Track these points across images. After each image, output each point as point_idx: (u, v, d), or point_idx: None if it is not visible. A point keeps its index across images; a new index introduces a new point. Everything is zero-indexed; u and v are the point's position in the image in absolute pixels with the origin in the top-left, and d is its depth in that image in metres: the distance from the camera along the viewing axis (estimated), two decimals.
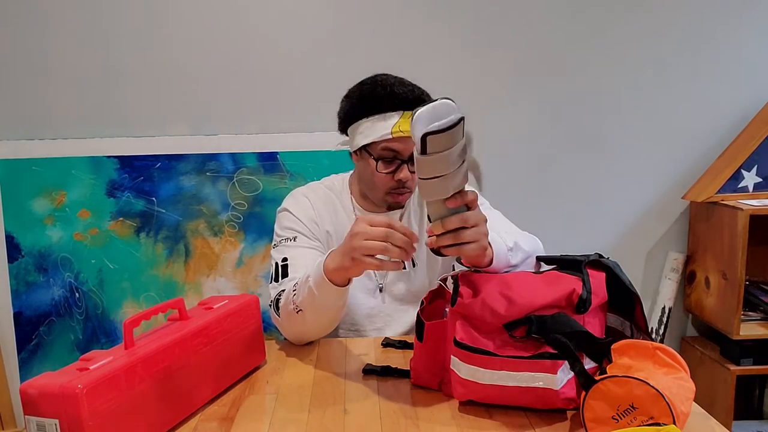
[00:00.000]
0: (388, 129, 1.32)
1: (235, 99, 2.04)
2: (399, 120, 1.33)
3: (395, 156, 1.35)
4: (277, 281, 1.34)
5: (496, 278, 1.07)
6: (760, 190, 2.01)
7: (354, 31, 2.03)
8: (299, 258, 1.36)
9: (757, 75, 2.12)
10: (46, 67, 2.00)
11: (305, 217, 1.42)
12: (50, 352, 2.02)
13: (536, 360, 0.93)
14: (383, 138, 1.32)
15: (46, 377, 0.85)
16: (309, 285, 1.20)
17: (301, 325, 1.27)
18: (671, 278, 2.17)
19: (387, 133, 1.32)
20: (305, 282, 1.21)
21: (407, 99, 1.33)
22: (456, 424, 0.97)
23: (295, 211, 1.43)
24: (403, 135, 1.31)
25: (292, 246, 1.39)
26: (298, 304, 1.23)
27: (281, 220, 1.45)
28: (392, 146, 1.33)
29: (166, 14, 2.00)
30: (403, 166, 1.35)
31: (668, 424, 0.79)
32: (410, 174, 1.36)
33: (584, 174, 2.15)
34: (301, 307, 1.23)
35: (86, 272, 2.02)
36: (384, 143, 1.33)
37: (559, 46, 2.08)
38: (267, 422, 0.99)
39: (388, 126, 1.32)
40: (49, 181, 1.99)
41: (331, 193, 1.49)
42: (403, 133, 1.31)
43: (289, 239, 1.40)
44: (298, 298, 1.23)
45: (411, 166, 1.35)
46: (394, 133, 1.32)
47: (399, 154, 1.34)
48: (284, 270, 1.34)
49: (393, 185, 1.37)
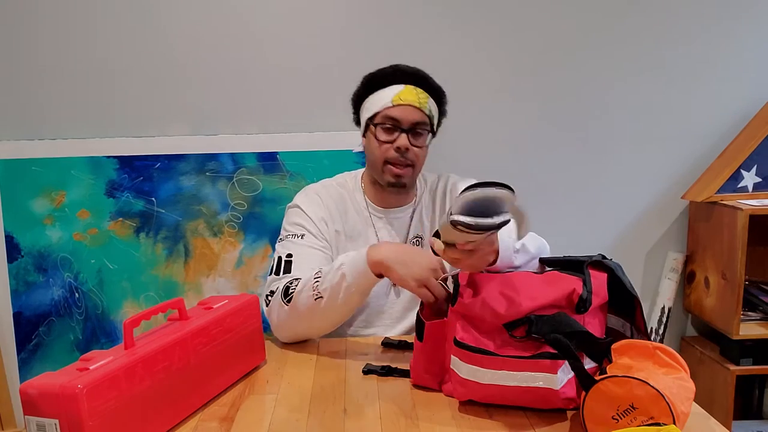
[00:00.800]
0: (389, 98, 1.38)
1: (235, 99, 2.04)
2: (400, 91, 1.38)
3: (395, 125, 1.38)
4: (278, 275, 1.34)
5: (496, 278, 1.07)
6: (759, 190, 2.01)
7: (354, 30, 2.03)
8: (304, 256, 1.36)
9: (757, 75, 2.12)
10: (45, 67, 2.00)
11: (315, 215, 1.43)
12: (50, 352, 2.02)
13: (536, 360, 0.93)
14: (384, 107, 1.38)
15: (46, 377, 0.85)
16: (342, 271, 1.21)
17: (309, 316, 1.25)
18: (671, 278, 2.18)
19: (388, 101, 1.38)
20: (337, 269, 1.22)
21: (410, 74, 1.40)
22: (456, 424, 0.97)
23: (306, 208, 1.44)
24: (402, 103, 1.37)
25: (299, 243, 1.39)
26: (320, 290, 1.23)
27: (291, 216, 1.46)
28: (392, 114, 1.38)
29: (166, 14, 2.00)
30: (402, 135, 1.38)
31: (668, 424, 0.79)
32: (410, 145, 1.38)
33: (584, 174, 2.15)
34: (322, 294, 1.22)
35: (86, 272, 2.02)
36: (384, 111, 1.39)
37: (558, 46, 2.08)
38: (267, 422, 0.99)
39: (390, 96, 1.38)
40: (49, 181, 1.99)
41: (344, 190, 1.51)
42: (403, 101, 1.37)
43: (297, 236, 1.40)
44: (323, 285, 1.23)
45: (411, 137, 1.39)
46: (394, 101, 1.37)
47: (399, 123, 1.38)
48: (287, 266, 1.35)
49: (392, 155, 1.39)
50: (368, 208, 1.49)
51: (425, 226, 1.52)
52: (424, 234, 1.51)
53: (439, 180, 1.57)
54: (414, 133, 1.40)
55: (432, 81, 1.44)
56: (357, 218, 1.48)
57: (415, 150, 1.40)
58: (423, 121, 1.40)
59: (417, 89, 1.40)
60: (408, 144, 1.38)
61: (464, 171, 1.62)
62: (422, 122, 1.40)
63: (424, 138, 1.42)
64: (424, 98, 1.40)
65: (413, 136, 1.40)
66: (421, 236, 1.51)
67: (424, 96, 1.41)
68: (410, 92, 1.39)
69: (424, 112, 1.40)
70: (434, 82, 1.45)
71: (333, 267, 1.25)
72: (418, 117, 1.39)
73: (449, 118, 1.56)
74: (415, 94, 1.39)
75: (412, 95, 1.39)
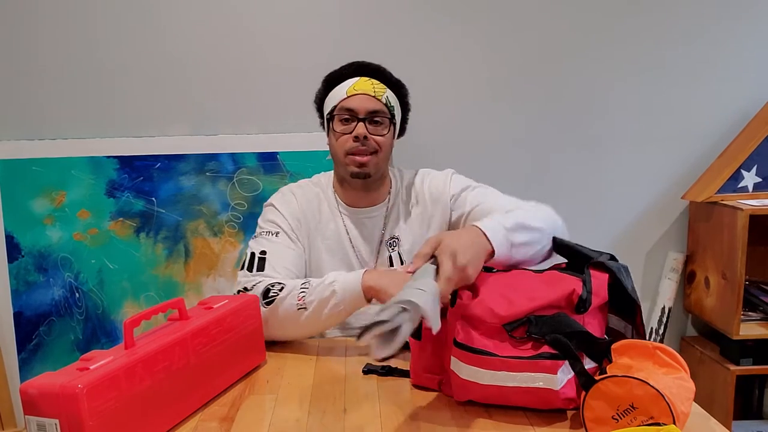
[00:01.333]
0: (344, 90, 1.39)
1: (235, 99, 2.04)
2: (356, 81, 1.39)
3: (351, 115, 1.38)
4: (251, 271, 1.34)
5: (496, 278, 1.07)
6: (759, 190, 2.01)
7: (354, 30, 2.04)
8: (277, 255, 1.36)
9: (757, 75, 2.12)
10: (45, 67, 2.00)
11: (290, 214, 1.43)
12: (50, 352, 2.02)
13: (536, 360, 0.93)
14: (340, 99, 1.39)
15: (46, 377, 0.85)
16: (333, 288, 1.21)
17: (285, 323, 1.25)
18: (671, 278, 2.17)
19: (343, 94, 1.39)
20: (328, 285, 1.22)
21: (365, 67, 1.41)
22: (456, 424, 0.97)
23: (281, 207, 1.44)
24: (357, 93, 1.37)
25: (273, 241, 1.39)
26: (306, 302, 1.23)
27: (266, 214, 1.46)
28: (348, 105, 1.38)
29: (166, 14, 2.00)
30: (359, 124, 1.37)
31: (668, 424, 0.79)
32: (368, 133, 1.37)
33: (584, 174, 2.15)
34: (306, 306, 1.23)
35: (86, 272, 2.02)
36: (341, 103, 1.39)
37: (558, 46, 2.08)
38: (267, 422, 0.99)
39: (345, 88, 1.39)
40: (49, 181, 1.99)
41: (318, 189, 1.50)
42: (357, 90, 1.37)
43: (272, 233, 1.40)
44: (309, 297, 1.23)
45: (370, 125, 1.38)
46: (348, 92, 1.38)
47: (355, 112, 1.38)
48: (260, 263, 1.34)
49: (352, 145, 1.38)
50: (338, 206, 1.48)
51: (401, 226, 1.47)
52: (400, 234, 1.46)
53: (416, 176, 1.52)
54: (372, 121, 1.39)
55: (389, 74, 1.44)
56: (330, 217, 1.46)
57: (376, 138, 1.39)
58: (379, 109, 1.39)
59: (372, 80, 1.40)
60: (365, 132, 1.37)
61: (464, 171, 1.61)
62: (379, 110, 1.39)
63: (384, 127, 1.40)
64: (380, 88, 1.40)
65: (372, 124, 1.39)
66: (398, 237, 1.47)
67: (380, 86, 1.40)
68: (364, 83, 1.39)
69: (380, 101, 1.39)
70: (392, 75, 1.44)
71: (323, 281, 1.24)
72: (374, 105, 1.38)
73: (449, 118, 1.56)
74: (370, 84, 1.39)
75: (367, 85, 1.39)
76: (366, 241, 1.46)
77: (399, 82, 1.46)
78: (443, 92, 2.08)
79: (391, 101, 1.42)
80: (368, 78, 1.41)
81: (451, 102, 2.10)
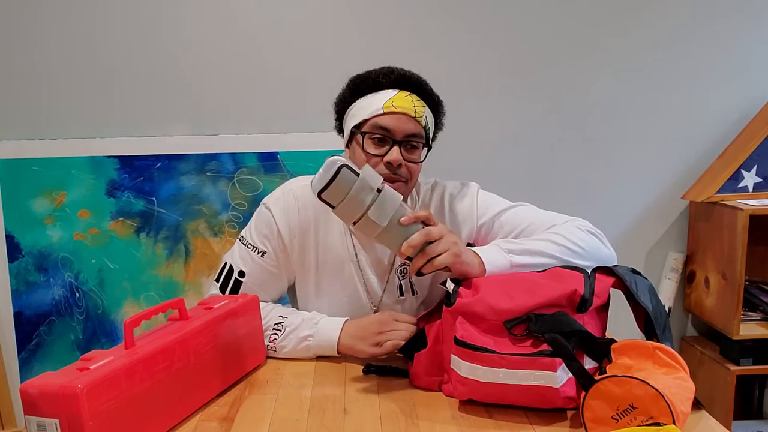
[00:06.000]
0: (380, 104, 1.19)
1: (235, 99, 2.04)
2: (393, 97, 1.20)
3: (386, 135, 1.19)
4: (224, 291, 1.28)
5: (496, 278, 1.07)
6: (759, 190, 2.01)
7: (354, 30, 2.03)
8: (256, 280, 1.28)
9: (757, 75, 2.12)
10: (46, 67, 2.00)
11: (285, 224, 1.28)
12: (50, 352, 2.02)
13: (536, 357, 0.93)
14: (373, 114, 1.19)
15: (46, 377, 0.85)
16: (308, 344, 1.22)
17: None
18: (671, 278, 2.18)
19: (378, 108, 1.19)
20: (302, 339, 1.22)
21: (405, 76, 1.22)
22: (456, 424, 0.97)
23: (277, 213, 1.29)
24: (395, 111, 1.18)
25: (257, 261, 1.28)
26: (277, 345, 1.23)
27: (260, 220, 1.30)
28: (383, 123, 1.19)
29: (167, 14, 2.00)
30: (394, 148, 1.19)
31: (668, 424, 0.79)
32: (403, 160, 1.19)
33: (584, 174, 2.15)
34: (277, 349, 1.24)
35: (86, 272, 2.02)
36: (374, 119, 1.20)
37: (558, 47, 2.08)
38: (267, 422, 0.99)
39: (381, 101, 1.19)
40: (49, 181, 1.99)
41: None
42: (396, 108, 1.18)
43: (259, 251, 1.28)
44: (281, 342, 1.23)
45: (404, 151, 1.20)
46: (386, 108, 1.18)
47: (390, 133, 1.19)
48: (235, 285, 1.28)
49: (382, 171, 1.18)
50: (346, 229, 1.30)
51: None
52: None
53: (434, 192, 1.34)
54: (408, 145, 1.21)
55: (429, 88, 1.25)
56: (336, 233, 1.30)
57: (410, 166, 1.21)
58: (418, 132, 1.21)
59: (412, 96, 1.22)
60: (401, 159, 1.18)
61: (464, 171, 1.61)
62: (417, 134, 1.21)
63: (419, 153, 1.23)
64: (420, 107, 1.21)
65: (406, 149, 1.21)
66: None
67: (420, 104, 1.22)
68: (404, 99, 1.20)
69: (420, 123, 1.21)
70: (432, 90, 1.26)
71: (298, 333, 1.22)
72: (413, 128, 1.20)
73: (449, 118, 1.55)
74: (410, 101, 1.20)
75: (407, 102, 1.20)
76: (374, 267, 1.30)
77: (437, 99, 1.28)
78: (443, 92, 2.08)
79: (429, 123, 1.24)
80: (408, 93, 1.21)
81: (450, 102, 2.09)
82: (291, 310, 1.30)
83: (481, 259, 1.11)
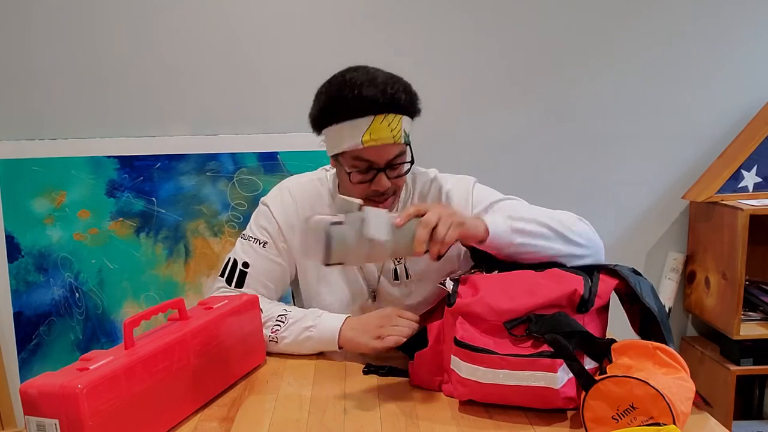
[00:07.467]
0: (358, 138, 1.18)
1: (235, 99, 2.04)
2: (369, 127, 1.18)
3: (369, 166, 1.21)
4: (229, 284, 1.31)
5: (496, 277, 1.07)
6: (760, 190, 2.01)
7: (354, 30, 2.04)
8: (260, 269, 1.31)
9: (757, 75, 2.12)
10: (46, 67, 2.00)
11: (283, 219, 1.32)
12: (50, 352, 2.02)
13: (536, 358, 0.93)
14: (353, 147, 1.19)
15: (46, 377, 0.85)
16: (309, 335, 1.22)
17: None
18: (671, 278, 2.17)
19: (357, 143, 1.18)
20: (304, 329, 1.22)
21: (377, 102, 1.17)
22: (456, 424, 0.97)
23: (275, 209, 1.33)
24: (375, 144, 1.18)
25: (259, 252, 1.32)
26: (279, 337, 1.23)
27: (259, 216, 1.35)
28: (364, 156, 1.20)
29: (166, 14, 2.00)
30: (379, 176, 1.21)
31: (668, 424, 0.79)
32: (389, 182, 1.22)
33: (584, 174, 2.15)
34: (278, 341, 1.23)
35: (86, 272, 2.02)
36: (355, 152, 1.20)
37: (558, 46, 2.08)
38: (267, 422, 0.99)
39: (358, 135, 1.18)
40: (49, 181, 1.99)
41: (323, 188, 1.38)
42: (375, 141, 1.18)
43: (259, 242, 1.32)
44: (283, 333, 1.23)
45: (390, 173, 1.22)
46: (365, 143, 1.18)
47: (373, 164, 1.21)
48: (241, 277, 1.30)
49: (371, 193, 1.23)
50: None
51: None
52: None
53: (432, 184, 1.37)
54: (392, 166, 1.23)
55: (400, 94, 1.20)
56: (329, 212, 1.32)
57: (397, 181, 1.24)
58: (400, 152, 1.23)
59: (388, 118, 1.18)
60: (388, 183, 1.21)
61: (464, 171, 1.60)
62: (399, 154, 1.22)
63: (403, 165, 1.25)
64: (397, 127, 1.19)
65: (391, 168, 1.23)
66: None
67: (396, 123, 1.19)
68: (381, 127, 1.18)
69: (400, 142, 1.21)
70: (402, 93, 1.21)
71: (300, 324, 1.23)
72: (394, 151, 1.21)
73: (449, 118, 1.55)
74: (387, 127, 1.18)
75: (385, 131, 1.18)
76: None
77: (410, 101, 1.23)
78: (443, 92, 2.08)
79: (407, 129, 1.23)
80: (384, 116, 1.18)
81: (450, 102, 2.10)
82: (294, 307, 1.32)
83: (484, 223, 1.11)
